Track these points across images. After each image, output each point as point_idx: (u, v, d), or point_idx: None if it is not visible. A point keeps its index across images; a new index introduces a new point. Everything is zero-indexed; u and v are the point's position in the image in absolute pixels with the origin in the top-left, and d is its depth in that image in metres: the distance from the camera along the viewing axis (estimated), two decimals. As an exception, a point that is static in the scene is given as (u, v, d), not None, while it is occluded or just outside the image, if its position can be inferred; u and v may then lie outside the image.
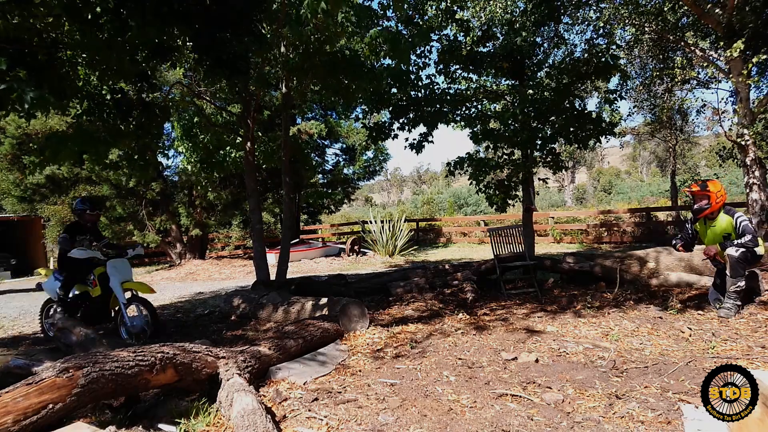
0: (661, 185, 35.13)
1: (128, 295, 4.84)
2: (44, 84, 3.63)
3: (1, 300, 9.95)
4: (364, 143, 16.96)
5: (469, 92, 7.56)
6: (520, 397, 2.80)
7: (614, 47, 7.51)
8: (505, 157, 7.63)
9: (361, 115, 11.47)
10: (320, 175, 18.41)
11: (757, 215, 7.43)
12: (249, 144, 7.06)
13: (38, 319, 5.49)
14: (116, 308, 5.01)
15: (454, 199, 36.79)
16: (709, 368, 2.82)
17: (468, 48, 7.49)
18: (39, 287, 5.37)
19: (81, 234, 5.05)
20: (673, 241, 4.76)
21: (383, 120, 8.03)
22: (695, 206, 4.43)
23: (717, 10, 7.32)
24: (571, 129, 7.03)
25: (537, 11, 7.09)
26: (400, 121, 7.70)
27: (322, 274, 10.00)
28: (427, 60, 7.74)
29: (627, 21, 8.49)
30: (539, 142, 7.31)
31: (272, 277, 7.21)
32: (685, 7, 7.80)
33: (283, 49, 6.53)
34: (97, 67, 4.46)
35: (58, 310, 4.99)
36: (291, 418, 2.64)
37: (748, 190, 7.58)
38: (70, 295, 4.98)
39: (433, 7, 7.33)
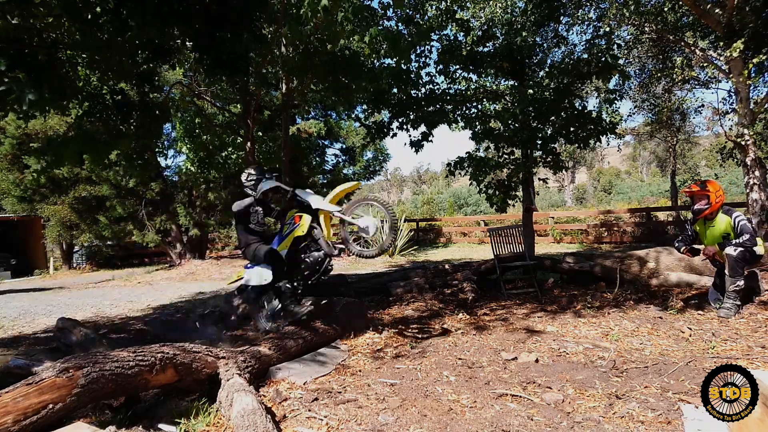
0: (661, 185, 35.14)
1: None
2: (44, 84, 3.63)
3: (1, 300, 9.95)
4: (363, 143, 16.96)
5: (469, 92, 7.55)
6: (520, 397, 2.80)
7: (614, 47, 7.50)
8: (505, 157, 7.63)
9: (361, 115, 11.47)
10: (320, 176, 18.41)
11: (757, 215, 7.43)
12: (249, 144, 7.06)
13: (256, 317, 4.45)
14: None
15: (454, 199, 36.78)
16: (709, 368, 2.81)
17: (468, 48, 7.48)
18: (243, 289, 4.41)
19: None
20: (675, 243, 4.76)
21: (383, 119, 8.03)
22: (695, 207, 4.43)
23: (717, 10, 7.31)
24: (571, 129, 7.02)
25: (537, 11, 7.09)
26: (400, 120, 7.69)
27: (322, 274, 9.97)
28: (427, 60, 7.74)
29: (627, 21, 8.49)
30: (539, 142, 7.31)
31: (272, 277, 7.19)
32: (685, 7, 7.80)
33: (283, 49, 6.54)
34: (98, 68, 4.46)
35: (284, 288, 4.11)
36: (291, 418, 2.64)
37: (748, 190, 7.57)
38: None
39: (433, 7, 7.33)
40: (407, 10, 7.25)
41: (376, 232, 4.00)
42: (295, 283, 4.15)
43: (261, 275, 4.16)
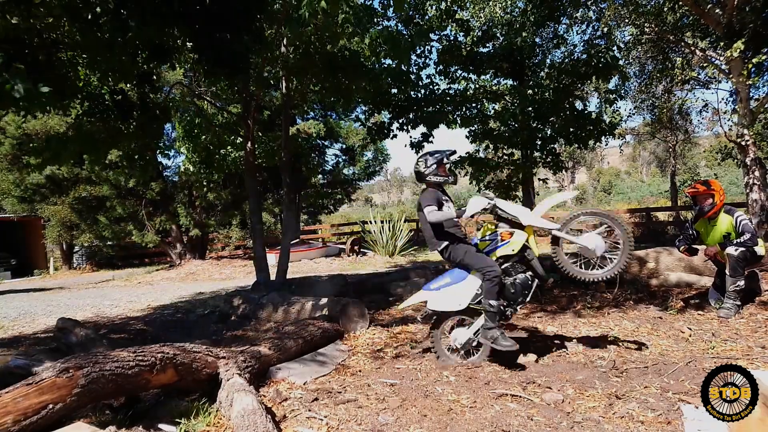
0: (661, 185, 35.12)
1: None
2: (43, 82, 3.63)
3: (1, 300, 9.94)
4: (363, 143, 16.98)
5: (468, 92, 7.56)
6: (520, 397, 2.80)
7: (614, 48, 7.52)
8: (505, 157, 7.64)
9: (361, 116, 11.48)
10: (320, 176, 18.42)
11: (757, 215, 7.42)
12: (249, 144, 7.06)
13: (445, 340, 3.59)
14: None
15: (454, 200, 36.78)
16: (709, 368, 2.81)
17: (468, 48, 7.50)
18: (428, 316, 3.64)
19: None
20: (676, 242, 4.76)
21: (383, 120, 8.04)
22: (703, 206, 4.37)
23: (717, 10, 7.31)
24: (571, 129, 7.04)
25: (537, 11, 7.10)
26: (400, 121, 7.70)
27: (322, 274, 10.00)
28: (427, 60, 7.74)
29: (627, 21, 8.49)
30: (539, 143, 7.32)
31: (272, 277, 7.21)
32: (685, 7, 7.79)
33: (283, 49, 6.53)
34: (98, 68, 4.46)
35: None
36: (291, 418, 2.63)
37: (748, 190, 7.57)
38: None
39: (433, 7, 7.33)
40: (408, 11, 7.25)
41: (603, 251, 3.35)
42: (503, 308, 3.35)
43: (455, 298, 3.41)
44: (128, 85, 5.47)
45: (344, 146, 18.75)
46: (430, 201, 3.40)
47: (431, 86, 7.63)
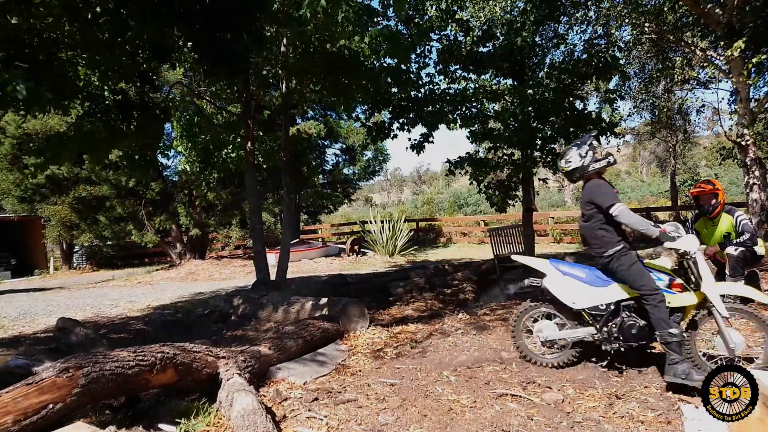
0: (661, 185, 35.09)
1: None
2: (43, 82, 3.63)
3: (1, 300, 9.94)
4: (363, 143, 16.98)
5: (468, 92, 7.55)
6: (520, 397, 2.80)
7: (614, 47, 7.51)
8: (505, 157, 7.64)
9: (361, 115, 11.49)
10: (320, 176, 18.42)
11: (757, 215, 7.42)
12: (249, 144, 7.06)
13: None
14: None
15: (454, 199, 36.74)
16: (709, 368, 2.81)
17: (468, 48, 7.49)
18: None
19: None
20: None
21: (383, 120, 8.04)
22: (708, 206, 4.36)
23: (717, 10, 7.31)
24: (571, 129, 7.02)
25: (537, 11, 7.09)
26: (400, 121, 7.69)
27: (322, 274, 10.00)
28: (427, 60, 7.74)
29: (627, 21, 8.48)
30: (539, 143, 7.32)
31: (272, 277, 7.22)
32: (685, 7, 7.79)
33: (283, 49, 6.53)
34: (98, 68, 4.46)
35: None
36: (291, 418, 2.64)
37: (748, 190, 7.57)
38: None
39: (433, 7, 7.33)
40: (408, 11, 7.24)
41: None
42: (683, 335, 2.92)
43: (576, 294, 3.15)
44: (128, 85, 5.46)
45: (344, 146, 18.76)
46: (612, 197, 2.97)
47: (431, 86, 7.62)
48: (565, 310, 3.23)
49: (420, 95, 7.61)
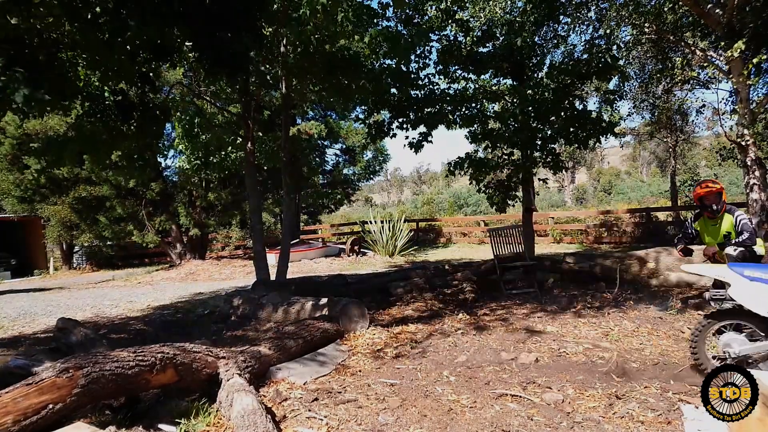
0: (661, 185, 35.10)
1: None
2: (43, 84, 3.62)
3: (1, 300, 9.94)
4: (363, 143, 16.98)
5: (468, 92, 7.56)
6: (520, 397, 2.80)
7: (614, 48, 7.51)
8: (504, 157, 7.64)
9: (361, 115, 11.51)
10: (320, 176, 18.42)
11: (757, 215, 7.42)
12: (249, 144, 7.06)
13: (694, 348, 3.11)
14: None
15: (454, 199, 36.76)
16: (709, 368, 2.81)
17: (468, 48, 7.49)
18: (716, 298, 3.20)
19: None
20: (675, 241, 4.75)
21: (383, 119, 8.04)
22: (713, 206, 4.35)
23: (717, 10, 7.31)
24: (571, 129, 7.03)
25: (537, 11, 7.10)
26: (400, 120, 7.70)
27: (322, 274, 10.00)
28: (427, 60, 7.74)
29: (627, 21, 8.48)
30: (539, 143, 7.32)
31: (272, 277, 7.21)
32: (685, 7, 7.79)
33: (282, 48, 6.54)
34: (98, 68, 4.45)
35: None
36: (291, 418, 2.64)
37: (748, 190, 7.57)
38: None
39: (433, 7, 7.33)
40: (407, 11, 7.25)
41: None
42: None
43: None
44: (128, 85, 5.46)
45: (344, 146, 18.76)
46: None
47: (431, 86, 7.62)
48: (757, 320, 2.84)
49: (420, 95, 7.61)
